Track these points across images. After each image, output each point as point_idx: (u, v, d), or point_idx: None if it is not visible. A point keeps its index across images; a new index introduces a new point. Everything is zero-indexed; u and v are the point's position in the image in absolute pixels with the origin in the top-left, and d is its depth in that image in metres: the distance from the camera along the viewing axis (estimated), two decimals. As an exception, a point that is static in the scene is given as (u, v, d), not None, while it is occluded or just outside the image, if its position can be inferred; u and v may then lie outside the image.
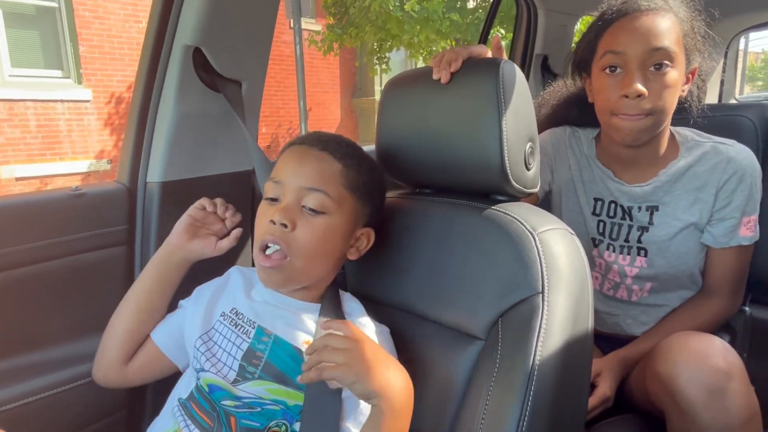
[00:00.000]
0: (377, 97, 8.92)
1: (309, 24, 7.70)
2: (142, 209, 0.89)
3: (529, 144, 0.72)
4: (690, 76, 0.90)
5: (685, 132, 0.97)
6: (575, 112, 1.06)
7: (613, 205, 0.98)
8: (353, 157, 0.72)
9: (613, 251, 0.99)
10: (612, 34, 0.87)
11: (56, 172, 5.90)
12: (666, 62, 0.83)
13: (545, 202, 1.08)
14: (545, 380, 0.57)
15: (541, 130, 1.06)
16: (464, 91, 0.71)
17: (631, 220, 0.97)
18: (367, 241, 0.75)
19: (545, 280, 0.62)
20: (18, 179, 5.66)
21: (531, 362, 0.57)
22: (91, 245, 0.85)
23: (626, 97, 0.84)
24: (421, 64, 7.63)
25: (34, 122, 5.72)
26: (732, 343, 0.93)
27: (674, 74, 0.84)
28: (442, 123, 0.73)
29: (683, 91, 0.90)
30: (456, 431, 0.63)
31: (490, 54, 0.76)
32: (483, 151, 0.69)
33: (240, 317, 0.72)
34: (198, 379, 0.69)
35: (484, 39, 1.62)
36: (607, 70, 0.87)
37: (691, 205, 0.92)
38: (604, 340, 1.03)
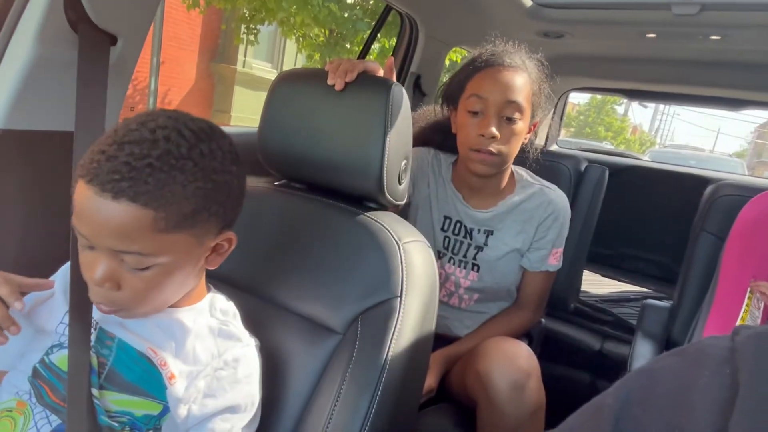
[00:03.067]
0: (240, 66, 8.45)
1: (175, -29, 6.99)
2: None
3: (404, 161, 0.80)
4: (532, 127, 1.09)
5: (521, 172, 1.16)
6: (439, 137, 1.18)
7: (458, 225, 1.13)
8: (166, 185, 0.52)
9: (453, 264, 1.14)
10: (479, 80, 1.02)
11: None
12: (516, 115, 1.00)
13: (402, 213, 1.19)
14: (394, 373, 0.65)
15: None
16: (355, 103, 0.76)
17: (470, 239, 1.12)
18: (228, 245, 0.63)
19: (404, 286, 0.70)
20: None
21: (384, 357, 0.65)
22: None
23: (482, 136, 0.99)
24: (291, 44, 7.47)
25: None
26: (529, 346, 1.15)
27: (521, 125, 1.01)
28: (329, 126, 0.77)
29: (525, 139, 1.08)
30: (308, 417, 0.68)
31: (381, 73, 0.82)
32: (365, 160, 0.75)
33: None
34: (49, 354, 0.62)
35: (367, 49, 1.69)
36: (470, 113, 1.01)
37: (517, 234, 1.11)
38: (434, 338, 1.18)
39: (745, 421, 0.27)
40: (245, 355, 0.65)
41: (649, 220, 2.21)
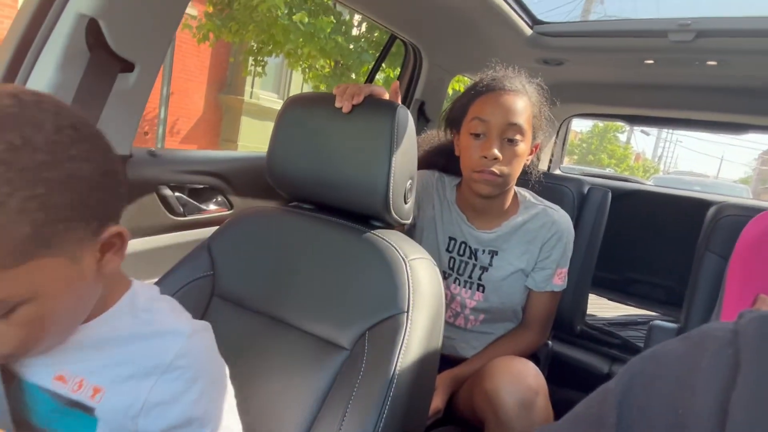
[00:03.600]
0: (247, 97, 8.63)
1: (185, 6, 7.20)
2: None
3: (409, 181, 0.82)
4: (534, 149, 1.11)
5: (524, 193, 1.18)
6: (443, 160, 1.21)
7: (463, 245, 1.14)
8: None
9: (459, 285, 1.15)
10: (481, 104, 1.05)
11: None
12: (518, 137, 1.02)
13: (407, 234, 1.21)
14: (402, 388, 0.65)
15: None
16: (362, 125, 0.79)
17: (475, 260, 1.13)
18: (120, 241, 0.50)
19: (410, 301, 0.71)
20: None
21: (392, 372, 0.65)
22: None
23: (485, 157, 1.01)
24: (297, 75, 7.62)
25: None
26: None
27: (523, 146, 1.04)
28: (337, 148, 0.80)
29: (527, 160, 1.10)
30: None
31: (387, 96, 0.85)
32: (372, 180, 0.77)
33: None
34: None
35: (372, 76, 1.74)
36: (473, 135, 1.04)
37: (522, 254, 1.12)
38: (440, 359, 1.17)
39: (747, 395, 0.28)
40: (192, 348, 0.54)
41: (653, 243, 2.21)
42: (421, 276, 0.74)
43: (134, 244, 1.01)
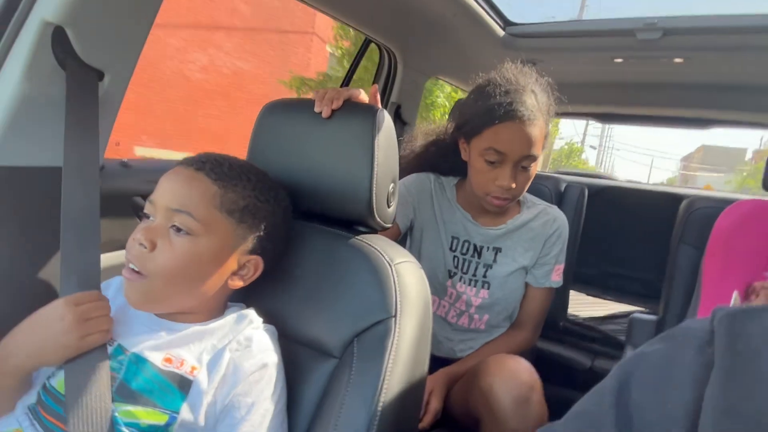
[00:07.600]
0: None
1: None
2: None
3: (392, 185, 0.81)
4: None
5: (525, 194, 1.19)
6: (443, 163, 1.20)
7: (466, 244, 1.15)
8: (234, 178, 0.69)
9: (464, 283, 1.15)
10: (496, 132, 1.00)
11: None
12: (532, 164, 1.03)
13: (404, 237, 1.21)
14: (392, 393, 0.65)
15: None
16: (343, 129, 0.78)
17: (479, 258, 1.14)
18: (254, 270, 0.72)
19: (398, 306, 0.70)
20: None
21: (382, 377, 0.65)
22: None
23: (499, 186, 1.02)
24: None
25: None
26: None
27: (534, 167, 1.04)
28: (318, 154, 0.79)
29: None
30: None
31: (366, 99, 0.85)
32: (354, 185, 0.76)
33: None
34: (50, 378, 0.64)
35: (349, 78, 1.74)
36: (487, 161, 1.02)
37: (526, 251, 1.14)
38: (436, 362, 1.17)
39: (717, 389, 0.32)
40: (256, 335, 0.70)
41: (629, 237, 2.26)
42: (408, 280, 0.74)
43: (110, 258, 0.97)
